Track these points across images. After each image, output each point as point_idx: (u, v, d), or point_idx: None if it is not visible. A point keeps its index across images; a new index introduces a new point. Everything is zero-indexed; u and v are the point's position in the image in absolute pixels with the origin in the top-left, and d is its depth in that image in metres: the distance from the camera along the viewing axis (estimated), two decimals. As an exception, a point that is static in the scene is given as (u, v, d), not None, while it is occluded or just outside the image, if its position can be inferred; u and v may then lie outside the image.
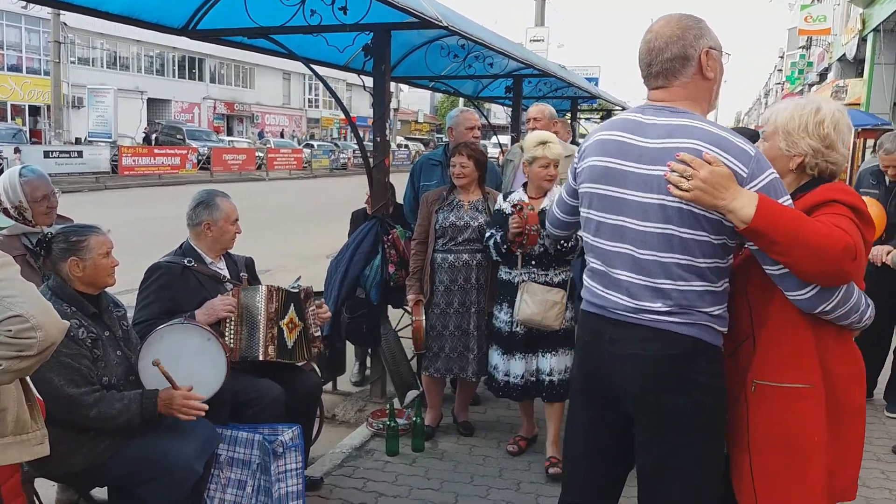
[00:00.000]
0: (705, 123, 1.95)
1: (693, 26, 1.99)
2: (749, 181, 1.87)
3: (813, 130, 2.04)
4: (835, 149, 2.05)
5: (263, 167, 29.30)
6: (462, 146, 4.09)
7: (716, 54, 2.00)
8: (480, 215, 3.99)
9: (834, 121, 2.05)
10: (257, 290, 3.23)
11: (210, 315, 3.09)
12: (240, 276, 3.42)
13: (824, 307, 1.91)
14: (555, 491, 3.54)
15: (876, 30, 19.15)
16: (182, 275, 3.18)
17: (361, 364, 5.55)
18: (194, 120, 39.33)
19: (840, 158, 2.07)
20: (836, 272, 1.84)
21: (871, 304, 2.04)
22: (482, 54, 6.11)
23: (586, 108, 14.45)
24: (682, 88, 2.01)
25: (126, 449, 2.61)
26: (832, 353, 2.00)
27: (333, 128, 50.73)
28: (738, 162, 1.87)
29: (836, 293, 1.90)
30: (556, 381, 3.73)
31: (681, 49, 1.97)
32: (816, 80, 32.09)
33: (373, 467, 3.84)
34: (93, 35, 33.31)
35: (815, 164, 2.06)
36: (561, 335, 3.69)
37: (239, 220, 3.40)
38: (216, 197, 3.33)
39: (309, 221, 14.92)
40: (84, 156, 22.52)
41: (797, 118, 2.06)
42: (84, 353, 2.52)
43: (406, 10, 3.86)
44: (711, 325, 1.99)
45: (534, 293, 3.61)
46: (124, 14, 4.10)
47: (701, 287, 1.96)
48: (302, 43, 4.92)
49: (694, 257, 1.94)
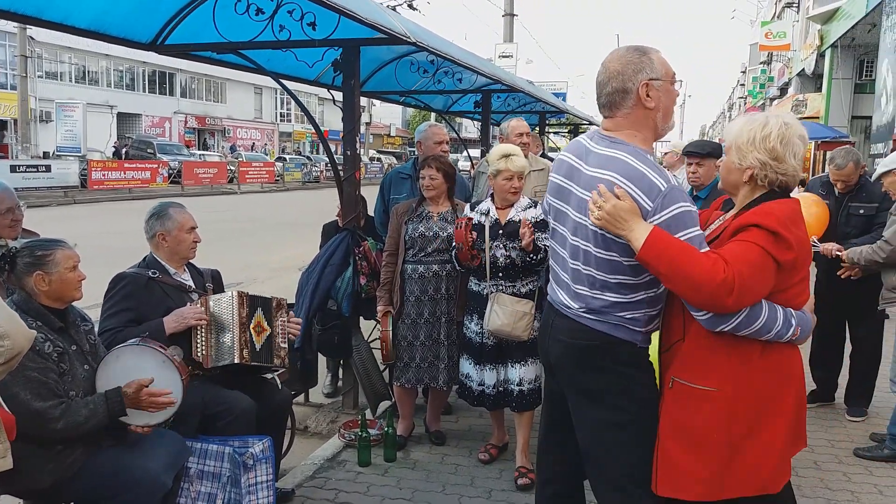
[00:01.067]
0: (631, 158, 2.14)
1: (634, 61, 2.17)
2: (653, 214, 2.08)
3: (760, 144, 2.15)
4: (783, 161, 2.15)
5: (235, 180, 29.13)
6: (431, 159, 4.15)
7: (657, 84, 2.17)
8: (449, 226, 4.04)
9: (780, 134, 2.14)
10: (227, 297, 3.25)
11: (179, 322, 3.09)
12: (205, 286, 3.44)
13: (724, 327, 2.07)
14: (526, 499, 3.60)
15: (833, 46, 19.70)
16: (146, 286, 3.19)
17: (333, 375, 5.56)
18: (165, 134, 38.97)
19: (790, 169, 2.16)
20: (713, 305, 2.03)
21: (803, 320, 2.16)
22: (451, 70, 6.19)
23: (555, 122, 14.65)
24: (624, 119, 2.22)
25: (93, 463, 2.60)
26: (754, 363, 2.14)
27: (306, 141, 50.60)
28: (644, 196, 2.09)
29: (733, 318, 2.05)
30: (525, 390, 3.78)
31: (620, 83, 2.18)
32: (777, 95, 32.81)
33: (345, 478, 3.85)
34: (60, 49, 32.92)
35: (764, 176, 2.17)
36: (529, 345, 3.73)
37: (197, 229, 3.41)
38: (169, 208, 3.36)
39: (281, 234, 14.86)
40: (52, 170, 22.22)
41: (746, 133, 2.19)
42: (51, 366, 2.52)
43: (374, 26, 3.92)
44: (626, 326, 2.25)
45: (504, 304, 3.66)
46: (91, 29, 4.10)
47: (612, 298, 2.22)
48: (271, 58, 4.96)
49: (605, 273, 2.21)
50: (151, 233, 3.32)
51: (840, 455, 4.24)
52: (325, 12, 3.76)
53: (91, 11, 3.98)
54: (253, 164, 32.06)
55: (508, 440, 4.17)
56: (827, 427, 4.66)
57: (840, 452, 4.28)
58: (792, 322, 2.12)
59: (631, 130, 2.22)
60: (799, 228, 2.12)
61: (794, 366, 2.23)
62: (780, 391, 2.19)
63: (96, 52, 33.97)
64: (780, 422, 2.18)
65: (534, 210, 3.74)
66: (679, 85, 2.25)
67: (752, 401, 2.15)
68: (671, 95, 2.22)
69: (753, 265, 2.01)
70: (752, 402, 2.16)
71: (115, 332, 2.98)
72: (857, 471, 4.03)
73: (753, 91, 37.86)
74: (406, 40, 4.30)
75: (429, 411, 4.41)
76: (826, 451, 4.29)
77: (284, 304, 3.49)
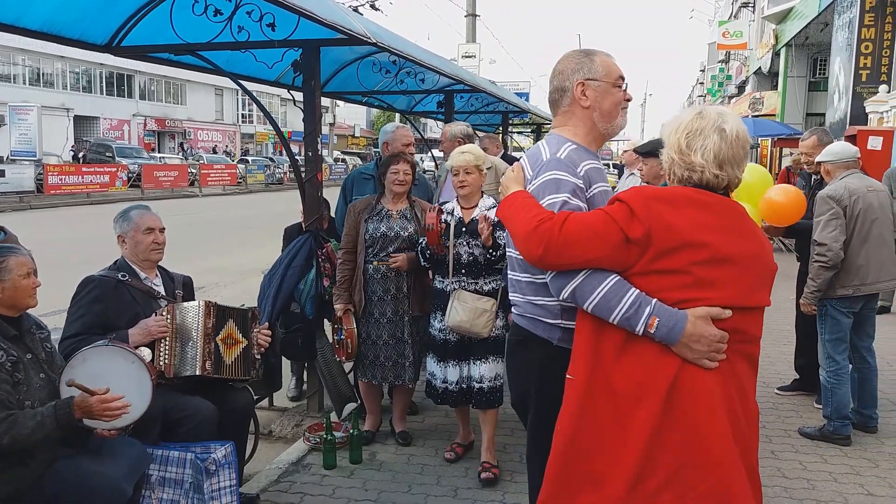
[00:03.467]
0: (544, 143, 2.28)
1: (574, 60, 2.27)
2: (529, 182, 2.22)
3: (670, 140, 2.06)
4: (688, 156, 1.99)
5: (196, 183, 28.71)
6: (402, 155, 4.21)
7: (594, 84, 2.23)
8: (410, 224, 4.07)
9: (688, 128, 2.02)
10: (193, 306, 3.23)
11: (144, 335, 3.09)
12: (175, 293, 3.40)
13: (564, 293, 1.98)
14: (492, 496, 3.63)
15: (788, 45, 20.20)
16: (115, 289, 3.16)
17: (298, 379, 5.52)
18: (124, 137, 38.25)
19: (697, 165, 1.98)
20: (526, 254, 2.02)
21: (667, 316, 1.87)
22: (414, 70, 6.19)
23: (518, 122, 14.74)
24: (563, 116, 2.31)
25: (52, 472, 2.55)
26: (608, 356, 1.95)
27: (269, 143, 50.10)
28: (529, 167, 2.25)
29: (569, 281, 1.95)
30: (485, 388, 3.81)
31: (560, 83, 2.28)
32: (735, 93, 33.52)
33: (310, 481, 3.83)
34: (13, 51, 32.08)
35: (673, 173, 2.06)
36: (491, 343, 3.78)
37: (160, 231, 3.37)
38: (131, 210, 3.36)
39: (243, 236, 14.70)
40: (6, 175, 21.58)
41: (664, 132, 2.12)
42: (3, 377, 2.46)
43: (334, 27, 3.91)
44: (540, 319, 2.26)
45: (464, 301, 3.71)
46: (44, 30, 4.01)
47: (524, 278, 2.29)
48: (230, 59, 4.91)
49: (513, 250, 2.28)
50: (116, 234, 3.34)
51: (796, 444, 4.36)
52: (284, 13, 3.74)
53: (44, 12, 3.90)
54: (214, 166, 31.58)
55: (474, 438, 4.19)
56: (784, 417, 4.79)
57: (796, 442, 4.40)
58: (644, 310, 1.87)
59: (569, 127, 2.29)
60: (668, 208, 1.90)
61: (657, 379, 1.88)
62: (628, 403, 1.89)
63: (51, 54, 33.17)
64: (620, 443, 1.89)
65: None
66: (623, 86, 2.27)
67: (602, 401, 1.93)
68: (611, 96, 2.25)
69: (586, 226, 1.92)
70: (602, 403, 1.93)
71: (80, 340, 2.94)
72: (813, 459, 4.15)
73: (712, 89, 38.60)
74: (366, 41, 4.29)
75: (394, 412, 4.42)
76: (782, 441, 4.40)
77: (258, 313, 3.49)
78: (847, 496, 3.72)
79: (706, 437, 1.85)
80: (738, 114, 25.45)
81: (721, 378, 1.90)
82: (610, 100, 2.25)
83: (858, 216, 4.24)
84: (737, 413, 1.92)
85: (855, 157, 4.45)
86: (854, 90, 14.37)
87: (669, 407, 1.86)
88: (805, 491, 3.77)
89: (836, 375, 4.35)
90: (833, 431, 4.36)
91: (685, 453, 1.86)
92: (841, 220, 4.22)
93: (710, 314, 1.88)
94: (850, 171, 4.41)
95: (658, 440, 1.86)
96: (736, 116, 2.09)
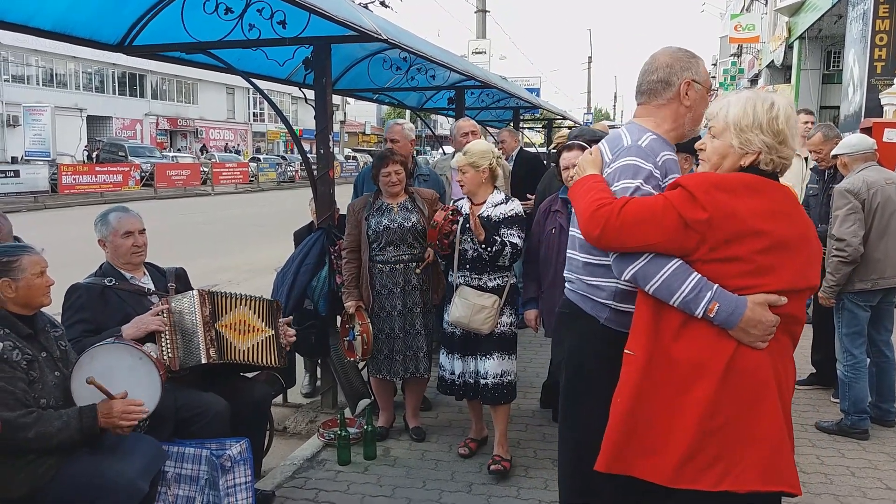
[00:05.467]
0: (625, 130, 2.33)
1: (683, 59, 2.31)
2: (608, 165, 2.27)
3: (767, 126, 2.01)
4: (786, 144, 2.04)
5: (209, 182, 28.84)
6: (389, 154, 4.15)
7: (697, 88, 2.30)
8: (412, 214, 4.08)
9: (787, 115, 2.03)
10: (188, 296, 3.22)
11: (140, 329, 3.06)
12: (167, 286, 3.40)
13: (625, 274, 2.06)
14: (506, 491, 3.63)
15: (801, 37, 19.99)
16: (102, 294, 3.16)
17: (311, 375, 5.54)
18: (137, 136, 38.47)
19: (790, 153, 2.06)
20: (587, 235, 2.12)
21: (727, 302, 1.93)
22: (424, 67, 6.19)
23: (529, 117, 14.70)
24: (656, 108, 2.34)
25: (68, 471, 2.57)
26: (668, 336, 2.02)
27: (280, 141, 50.24)
28: (609, 151, 2.30)
29: (631, 263, 2.03)
30: (490, 383, 3.80)
31: (665, 75, 2.30)
32: (748, 86, 33.21)
33: (325, 477, 3.84)
34: (27, 52, 32.34)
35: (770, 161, 2.04)
36: (497, 339, 3.78)
37: (142, 233, 3.35)
38: (109, 213, 3.35)
39: (255, 234, 14.74)
40: (21, 175, 21.77)
41: (751, 114, 2.03)
42: (19, 375, 2.47)
43: (345, 23, 3.91)
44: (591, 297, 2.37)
45: (465, 296, 3.73)
46: (56, 30, 4.04)
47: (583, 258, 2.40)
48: (242, 57, 4.92)
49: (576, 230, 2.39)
50: (97, 239, 3.33)
51: (813, 439, 4.32)
52: (294, 10, 3.74)
53: (56, 12, 3.92)
54: (227, 164, 31.72)
55: (488, 434, 4.18)
56: (800, 412, 4.74)
57: (813, 436, 4.36)
58: (705, 295, 1.94)
59: (653, 119, 2.33)
60: (729, 196, 1.94)
61: (714, 359, 1.97)
62: (685, 382, 1.98)
63: (64, 55, 33.39)
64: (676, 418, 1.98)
65: (504, 206, 3.80)
66: (712, 96, 2.36)
67: (661, 378, 2.01)
68: (705, 103, 2.32)
69: (646, 209, 2.00)
70: (660, 380, 2.01)
71: (75, 343, 2.93)
72: (830, 454, 4.11)
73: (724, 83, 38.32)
74: (377, 37, 4.29)
75: (407, 408, 4.42)
76: (799, 435, 4.34)
77: (280, 305, 3.55)
78: (865, 490, 3.68)
79: (758, 414, 1.95)
80: (752, 107, 25.46)
81: (770, 356, 1.99)
82: (703, 106, 2.32)
83: (877, 210, 4.19)
84: (782, 385, 2.02)
85: (872, 149, 4.39)
86: (869, 82, 14.20)
87: (724, 385, 1.95)
88: (822, 486, 3.74)
89: (853, 369, 4.31)
90: (851, 426, 4.32)
91: (737, 429, 1.95)
92: (859, 215, 4.17)
93: (769, 301, 1.95)
94: (868, 163, 4.35)
95: (712, 417, 1.95)
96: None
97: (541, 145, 17.71)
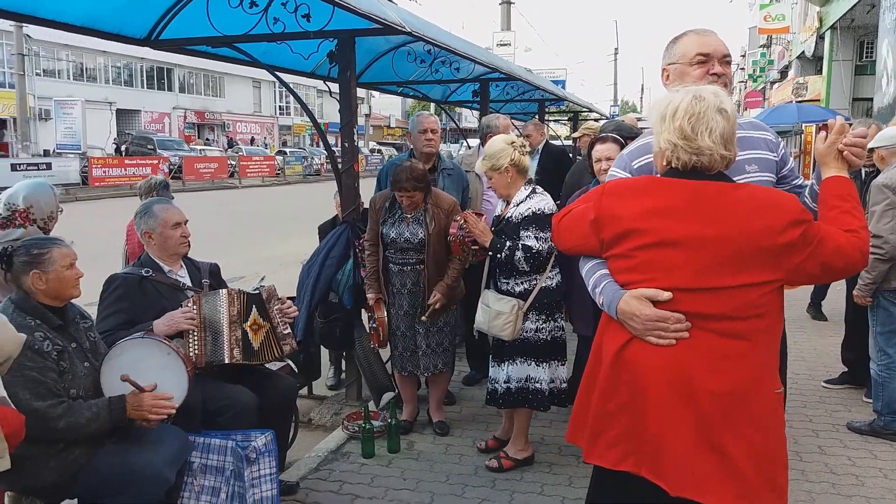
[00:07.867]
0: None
1: (665, 50, 2.44)
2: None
3: (669, 123, 1.96)
4: (693, 139, 1.92)
5: (236, 175, 29.13)
6: (401, 183, 3.95)
7: (672, 68, 2.39)
8: (420, 229, 4.04)
9: (685, 109, 1.93)
10: (217, 296, 3.24)
11: (171, 326, 3.09)
12: (202, 282, 3.43)
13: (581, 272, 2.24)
14: (530, 487, 3.61)
15: (833, 27, 19.59)
16: (139, 285, 3.19)
17: (336, 368, 5.57)
18: (165, 130, 38.98)
19: (707, 145, 1.91)
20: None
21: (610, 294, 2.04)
22: (449, 59, 6.16)
23: (554, 110, 14.57)
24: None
25: (97, 460, 2.61)
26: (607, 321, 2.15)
27: (306, 134, 50.54)
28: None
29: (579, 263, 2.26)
30: (513, 388, 3.71)
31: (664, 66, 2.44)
32: (778, 78, 32.64)
33: (349, 469, 3.86)
34: (57, 47, 32.88)
35: (677, 158, 1.96)
36: (519, 345, 3.67)
37: (186, 224, 3.40)
38: (153, 205, 3.37)
39: (282, 227, 14.86)
40: (53, 168, 22.27)
41: (656, 114, 2.01)
42: (50, 365, 2.51)
43: (369, 16, 3.90)
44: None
45: (486, 302, 3.68)
46: (85, 25, 4.08)
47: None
48: (267, 51, 4.93)
49: None
50: (140, 232, 3.35)
51: (845, 439, 4.24)
52: (319, 3, 3.74)
53: (84, 7, 3.97)
54: (253, 158, 32.03)
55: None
56: (831, 411, 4.66)
57: (844, 437, 4.28)
58: (597, 288, 2.12)
59: None
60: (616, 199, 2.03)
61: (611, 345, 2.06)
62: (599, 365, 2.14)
63: (93, 49, 33.91)
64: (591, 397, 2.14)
65: (524, 205, 3.62)
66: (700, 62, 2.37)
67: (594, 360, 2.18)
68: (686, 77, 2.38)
69: (572, 216, 2.22)
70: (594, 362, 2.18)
71: (108, 335, 2.97)
72: (862, 455, 4.03)
73: (754, 75, 37.71)
74: (402, 30, 4.27)
75: (430, 402, 4.42)
76: (830, 436, 4.29)
77: (274, 290, 3.46)
78: (898, 492, 3.61)
79: (644, 405, 1.99)
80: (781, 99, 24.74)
81: (674, 356, 1.94)
82: (685, 80, 2.28)
83: None
84: (694, 384, 1.93)
85: None
86: (904, 73, 13.88)
87: (613, 372, 2.05)
88: (853, 487, 3.66)
89: (887, 369, 4.22)
90: (884, 426, 4.22)
91: (633, 416, 2.02)
92: None
93: (646, 294, 1.96)
94: None
95: (610, 400, 2.06)
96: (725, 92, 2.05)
97: (566, 138, 17.52)
